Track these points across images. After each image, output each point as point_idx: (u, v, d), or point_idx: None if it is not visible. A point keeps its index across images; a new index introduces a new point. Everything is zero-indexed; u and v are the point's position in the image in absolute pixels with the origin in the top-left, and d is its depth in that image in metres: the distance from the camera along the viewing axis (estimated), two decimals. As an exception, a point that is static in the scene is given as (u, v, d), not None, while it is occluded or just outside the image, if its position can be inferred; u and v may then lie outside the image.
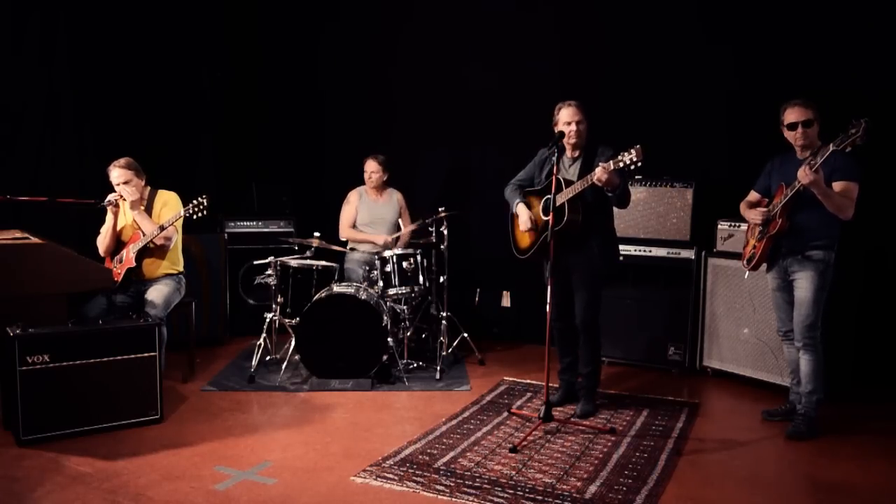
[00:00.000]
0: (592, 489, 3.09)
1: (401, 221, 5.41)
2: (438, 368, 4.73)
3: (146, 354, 3.75)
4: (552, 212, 3.74)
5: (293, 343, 4.68)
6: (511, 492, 3.05)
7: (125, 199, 4.23)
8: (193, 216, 4.19)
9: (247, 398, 4.28)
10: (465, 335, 5.14)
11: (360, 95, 6.26)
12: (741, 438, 3.74)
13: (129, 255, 4.28)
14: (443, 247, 5.08)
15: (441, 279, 5.12)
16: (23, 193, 4.35)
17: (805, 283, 3.69)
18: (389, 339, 4.53)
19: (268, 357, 4.89)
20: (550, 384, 3.84)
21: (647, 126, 4.91)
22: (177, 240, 4.41)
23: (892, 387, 4.52)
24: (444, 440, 3.64)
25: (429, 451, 3.48)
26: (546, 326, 3.82)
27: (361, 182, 5.37)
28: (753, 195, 3.98)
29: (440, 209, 5.00)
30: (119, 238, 4.39)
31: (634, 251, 4.96)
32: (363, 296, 4.54)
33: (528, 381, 4.69)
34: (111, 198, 4.29)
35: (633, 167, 3.53)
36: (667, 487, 3.13)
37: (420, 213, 5.24)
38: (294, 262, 4.81)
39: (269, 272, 4.75)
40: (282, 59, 6.33)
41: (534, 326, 5.25)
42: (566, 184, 3.80)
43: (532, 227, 3.99)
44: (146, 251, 4.30)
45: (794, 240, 3.71)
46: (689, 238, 4.84)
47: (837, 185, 3.57)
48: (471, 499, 2.98)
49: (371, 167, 5.26)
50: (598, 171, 3.58)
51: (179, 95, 5.80)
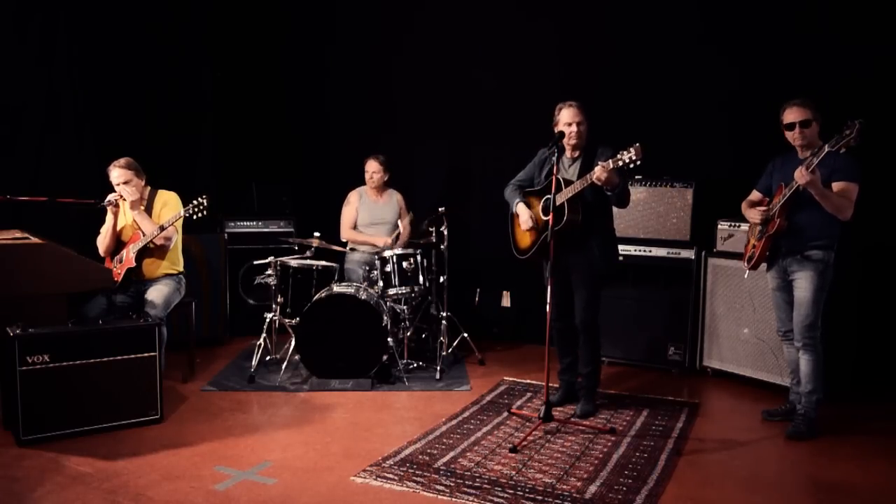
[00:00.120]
0: (592, 489, 3.09)
1: (400, 223, 5.40)
2: (438, 368, 4.73)
3: (146, 354, 3.75)
4: (552, 212, 3.74)
5: (293, 343, 4.69)
6: (511, 492, 3.05)
7: (125, 199, 4.24)
8: (193, 216, 4.19)
9: (247, 398, 4.28)
10: (465, 335, 5.14)
11: (361, 95, 6.27)
12: (741, 438, 3.74)
13: (129, 255, 4.28)
14: (443, 247, 5.08)
15: (441, 279, 5.12)
16: (23, 193, 4.35)
17: (804, 283, 3.69)
18: (389, 339, 4.53)
19: (268, 357, 4.89)
20: (550, 384, 3.85)
21: (647, 126, 4.91)
22: (177, 240, 4.41)
23: (892, 387, 4.52)
24: (444, 440, 3.64)
25: (429, 451, 3.48)
26: (546, 326, 3.82)
27: (362, 182, 5.36)
28: (755, 195, 3.98)
29: (440, 209, 5.01)
30: (119, 238, 4.39)
31: (634, 251, 4.96)
32: (363, 296, 4.54)
33: (528, 381, 4.69)
34: (111, 198, 4.29)
35: (633, 166, 3.53)
36: (667, 487, 3.13)
37: (420, 213, 5.24)
38: (294, 262, 4.81)
39: (269, 272, 4.75)
40: (282, 59, 6.33)
41: (534, 326, 5.25)
42: (566, 184, 3.80)
43: (533, 226, 3.99)
44: (146, 251, 4.30)
45: (794, 240, 3.71)
46: (689, 238, 4.84)
47: (837, 186, 3.57)
48: (471, 499, 2.98)
49: (373, 167, 5.26)
50: (598, 171, 3.59)
51: (179, 95, 5.80)
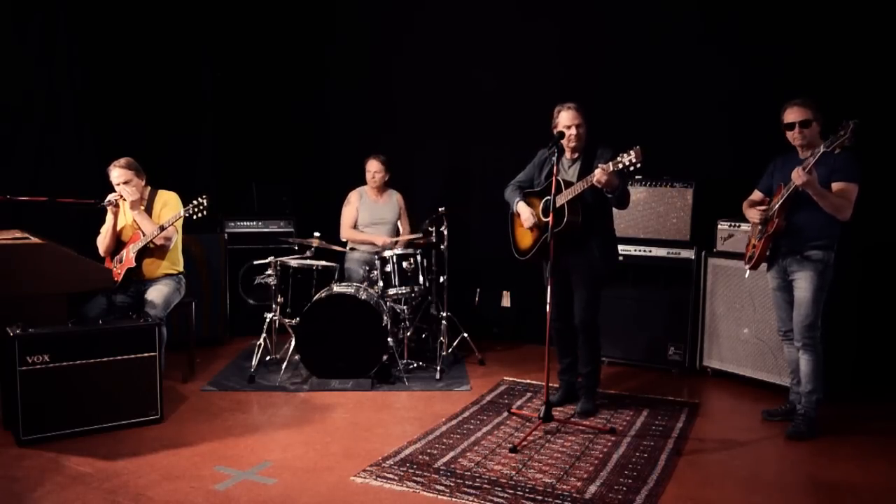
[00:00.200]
0: (592, 489, 3.09)
1: (400, 223, 5.41)
2: (438, 368, 4.73)
3: (146, 354, 3.75)
4: (552, 213, 3.74)
5: (293, 343, 4.69)
6: (511, 492, 3.05)
7: (125, 199, 4.24)
8: (193, 216, 4.19)
9: (247, 398, 4.28)
10: (465, 335, 5.14)
11: (361, 95, 6.27)
12: (741, 438, 3.74)
13: (129, 255, 4.28)
14: (443, 247, 5.08)
15: (441, 279, 5.12)
16: (23, 193, 4.35)
17: (804, 284, 3.69)
18: (389, 339, 4.53)
19: (268, 357, 4.89)
20: (550, 384, 3.85)
21: (648, 126, 4.91)
22: (177, 240, 4.41)
23: (892, 387, 4.51)
24: (444, 440, 3.64)
25: (429, 451, 3.48)
26: (546, 326, 3.82)
27: (362, 182, 5.37)
28: (757, 194, 3.98)
29: (440, 209, 5.01)
30: (119, 238, 4.39)
31: (634, 251, 4.96)
32: (363, 296, 4.54)
33: (528, 381, 4.69)
34: (111, 198, 4.29)
35: (633, 168, 3.52)
36: (667, 487, 3.13)
37: (420, 214, 5.24)
38: (294, 262, 4.81)
39: (269, 272, 4.75)
40: (282, 59, 6.32)
41: (534, 326, 5.25)
42: (566, 185, 3.80)
43: (535, 223, 3.98)
44: (146, 251, 4.30)
45: (793, 239, 3.71)
46: (689, 238, 4.83)
47: (836, 186, 3.57)
48: (471, 499, 2.98)
49: (374, 167, 5.26)
50: (598, 173, 3.58)
51: (179, 95, 5.80)
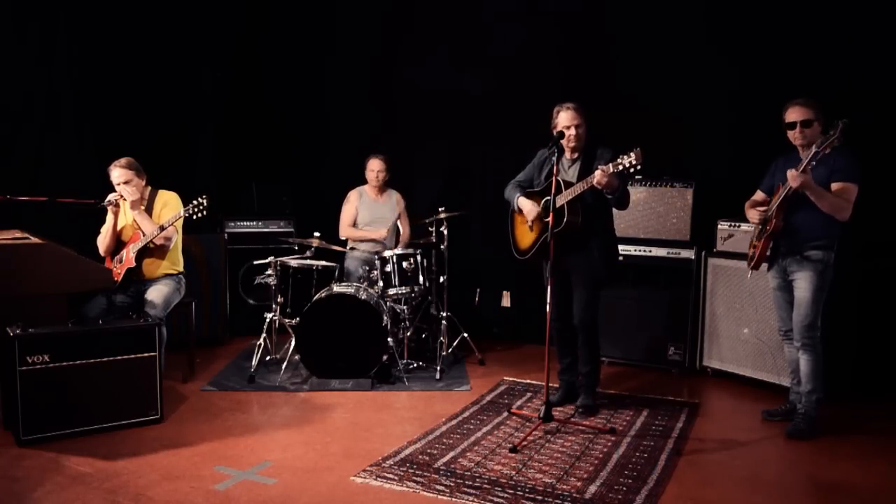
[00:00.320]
0: (592, 489, 3.09)
1: (399, 223, 5.41)
2: (438, 368, 4.73)
3: (146, 354, 3.75)
4: (552, 213, 3.73)
5: (293, 343, 4.69)
6: (511, 492, 3.05)
7: (125, 199, 4.24)
8: (193, 216, 4.19)
9: (247, 398, 4.28)
10: (465, 335, 5.14)
11: (361, 95, 6.26)
12: (741, 438, 3.74)
13: (129, 255, 4.28)
14: (443, 247, 5.08)
15: (441, 279, 5.12)
16: (23, 193, 4.35)
17: (804, 284, 3.69)
18: (389, 339, 4.53)
19: (268, 357, 4.89)
20: (550, 384, 3.85)
21: (648, 126, 4.90)
22: (177, 240, 4.41)
23: (892, 387, 4.51)
24: (444, 440, 3.64)
25: (429, 451, 3.48)
26: (546, 326, 3.82)
27: (362, 182, 5.37)
28: (759, 195, 3.98)
29: (440, 209, 5.01)
30: (119, 238, 4.39)
31: (634, 251, 4.96)
32: (363, 296, 4.54)
33: (528, 381, 4.69)
34: (111, 198, 4.29)
35: (633, 170, 3.52)
36: (667, 487, 3.13)
37: (420, 214, 5.24)
38: (294, 262, 4.81)
39: (269, 272, 4.75)
40: (282, 59, 6.33)
41: (534, 326, 5.25)
42: (565, 185, 3.80)
43: (538, 217, 3.96)
44: (146, 251, 4.30)
45: (792, 239, 3.71)
46: (689, 238, 4.83)
47: (836, 186, 3.57)
48: (471, 499, 2.98)
49: (377, 166, 5.26)
50: (598, 175, 3.58)
51: (179, 95, 5.80)
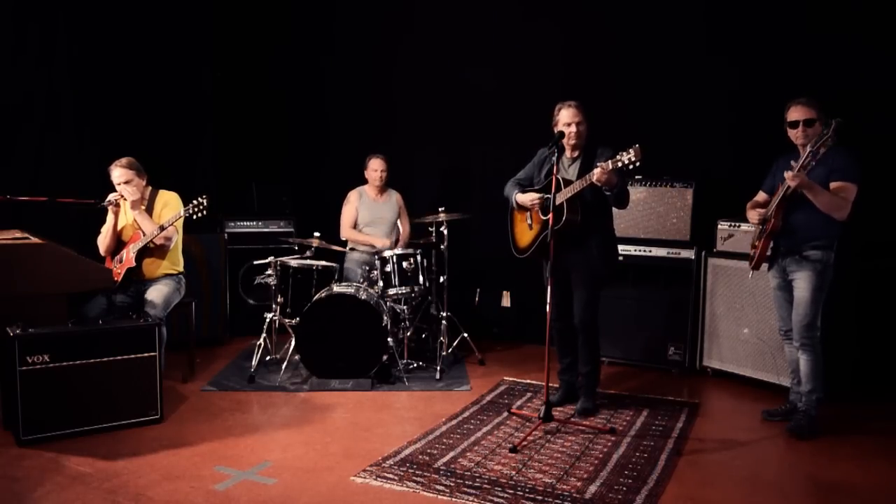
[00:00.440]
0: (592, 489, 3.09)
1: (399, 223, 5.41)
2: (438, 368, 4.73)
3: (146, 354, 3.75)
4: (551, 211, 3.74)
5: (293, 343, 4.69)
6: (511, 492, 3.05)
7: (126, 199, 4.24)
8: (193, 216, 4.19)
9: (247, 398, 4.28)
10: (465, 335, 5.14)
11: (361, 96, 6.27)
12: (741, 438, 3.74)
13: (130, 255, 4.28)
14: (443, 247, 5.08)
15: (441, 279, 5.12)
16: (23, 193, 4.35)
17: (803, 284, 3.69)
18: (389, 339, 4.53)
19: (268, 357, 4.89)
20: (550, 384, 3.85)
21: (648, 126, 4.91)
22: (177, 240, 4.41)
23: (892, 387, 4.51)
24: (444, 440, 3.64)
25: (429, 451, 3.48)
26: (546, 326, 3.82)
27: (362, 182, 5.37)
28: (761, 195, 3.97)
29: (440, 209, 5.01)
30: (119, 238, 4.39)
31: (634, 251, 4.96)
32: (363, 296, 4.54)
33: (528, 381, 4.69)
34: (112, 197, 4.29)
35: (632, 167, 3.52)
36: (667, 487, 3.13)
37: (420, 213, 5.24)
38: (294, 262, 4.80)
39: (269, 272, 4.75)
40: (282, 59, 6.33)
41: (534, 326, 5.25)
42: (565, 183, 3.80)
43: (539, 207, 3.95)
44: (146, 251, 4.30)
45: (792, 239, 3.71)
46: (689, 238, 4.83)
47: (834, 185, 3.57)
48: (471, 499, 2.98)
49: (380, 165, 5.27)
50: (597, 172, 3.58)
51: (179, 95, 5.80)
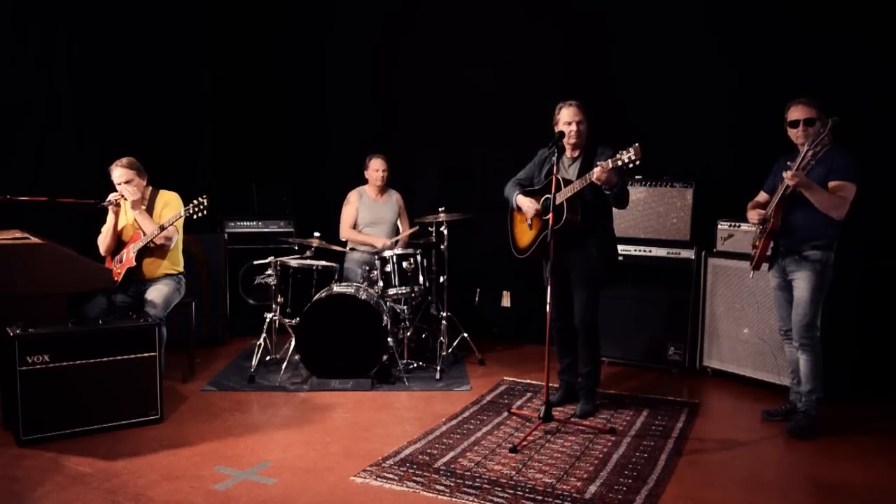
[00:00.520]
0: (592, 489, 3.09)
1: (399, 223, 5.41)
2: (438, 368, 4.73)
3: (146, 354, 3.75)
4: (551, 211, 3.74)
5: (293, 343, 4.69)
6: (511, 492, 3.05)
7: (126, 199, 4.24)
8: (193, 216, 4.19)
9: (247, 398, 4.28)
10: (465, 335, 5.14)
11: (361, 96, 6.27)
12: (741, 438, 3.74)
13: (130, 255, 4.28)
14: (443, 247, 5.08)
15: (441, 279, 5.12)
16: (23, 193, 4.35)
17: (802, 284, 3.69)
18: (389, 339, 4.53)
19: (268, 357, 4.89)
20: (550, 384, 3.85)
21: (648, 126, 4.91)
22: (177, 240, 4.41)
23: (892, 387, 4.51)
24: (444, 440, 3.64)
25: (429, 451, 3.48)
26: (546, 326, 3.82)
27: (362, 182, 5.37)
28: (762, 196, 3.97)
29: (440, 209, 5.01)
30: (120, 238, 4.39)
31: (634, 251, 4.96)
32: (363, 296, 4.54)
33: (528, 381, 4.69)
34: (112, 197, 4.29)
35: (632, 165, 3.53)
36: (667, 487, 3.13)
37: (420, 214, 5.24)
38: (294, 262, 4.80)
39: (269, 272, 4.75)
40: (282, 59, 6.33)
41: (534, 326, 5.25)
42: (565, 183, 3.80)
43: (537, 215, 3.97)
44: (146, 251, 4.30)
45: (791, 239, 3.71)
46: (689, 238, 4.83)
47: (833, 184, 3.57)
48: (471, 499, 2.98)
49: (381, 165, 5.27)
50: (597, 171, 3.59)
51: (179, 95, 5.80)
